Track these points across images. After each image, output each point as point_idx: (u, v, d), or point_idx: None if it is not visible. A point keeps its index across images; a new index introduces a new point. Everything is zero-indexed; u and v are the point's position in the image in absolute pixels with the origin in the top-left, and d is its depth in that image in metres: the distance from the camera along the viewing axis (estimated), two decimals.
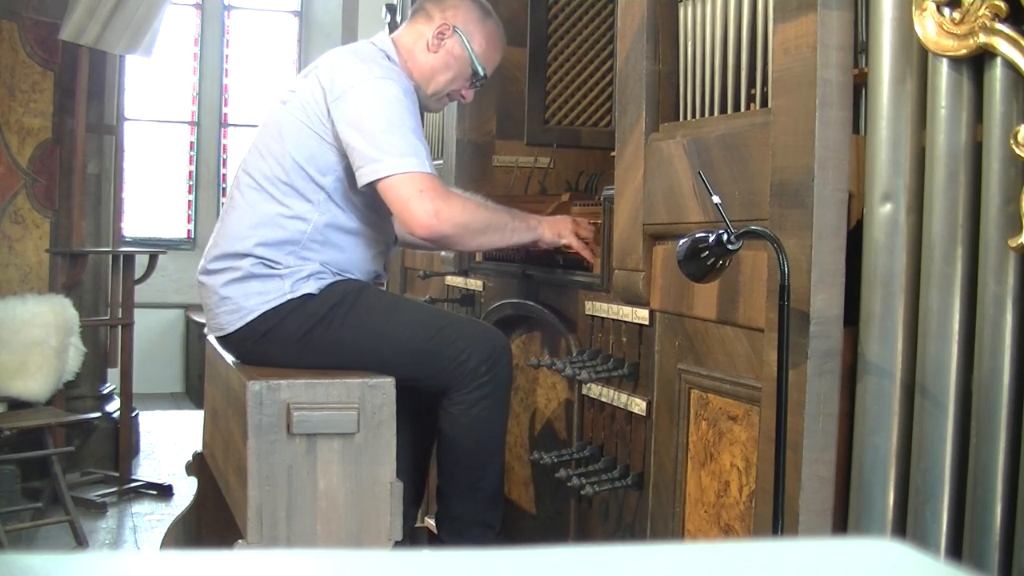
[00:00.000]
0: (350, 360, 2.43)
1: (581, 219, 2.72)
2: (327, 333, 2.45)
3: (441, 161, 3.66)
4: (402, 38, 2.67)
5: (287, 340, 2.45)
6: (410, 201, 2.41)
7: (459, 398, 2.47)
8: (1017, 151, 1.56)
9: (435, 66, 2.64)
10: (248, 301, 2.46)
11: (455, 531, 2.55)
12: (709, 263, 1.82)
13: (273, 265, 2.46)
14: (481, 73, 2.68)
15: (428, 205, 2.42)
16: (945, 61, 1.67)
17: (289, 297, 2.45)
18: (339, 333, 2.45)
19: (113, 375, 5.04)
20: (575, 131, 3.49)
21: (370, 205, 2.53)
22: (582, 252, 2.65)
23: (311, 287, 2.46)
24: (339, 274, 2.51)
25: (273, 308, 2.45)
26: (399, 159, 2.40)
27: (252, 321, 2.46)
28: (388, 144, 2.40)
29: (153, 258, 5.10)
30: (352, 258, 2.54)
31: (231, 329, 2.50)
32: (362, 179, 2.42)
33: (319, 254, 2.48)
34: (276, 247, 2.46)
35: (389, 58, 2.59)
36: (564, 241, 2.65)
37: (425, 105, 2.71)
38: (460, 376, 2.45)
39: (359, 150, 2.41)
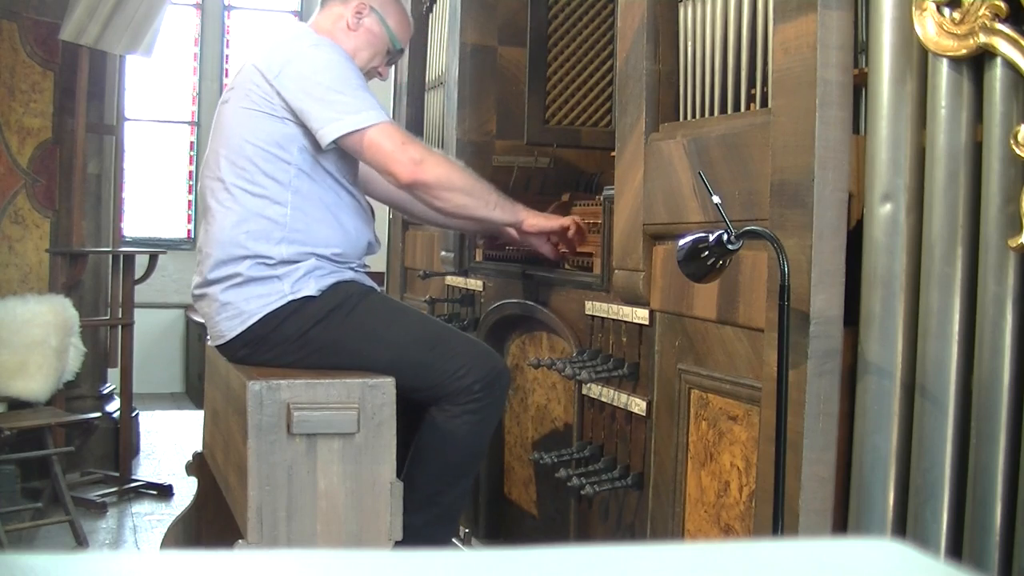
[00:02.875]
0: (348, 362, 2.43)
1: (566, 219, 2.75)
2: (326, 333, 2.44)
3: None
4: (320, 22, 2.71)
5: (286, 340, 2.45)
6: (394, 152, 2.47)
7: (447, 406, 2.44)
8: (1017, 151, 1.56)
9: (356, 45, 2.68)
10: (249, 305, 2.46)
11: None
12: (709, 263, 1.82)
13: (268, 261, 2.45)
14: (398, 47, 2.76)
15: (413, 153, 2.48)
16: (945, 61, 1.67)
17: (290, 298, 2.44)
18: (338, 334, 2.44)
19: (113, 375, 5.04)
20: (575, 131, 3.49)
21: (342, 172, 2.55)
22: (568, 233, 2.68)
23: (311, 288, 2.45)
24: (337, 263, 2.50)
25: (274, 311, 2.44)
26: (360, 114, 2.45)
27: (253, 325, 2.45)
28: (342, 102, 2.45)
29: (153, 258, 5.10)
30: (341, 231, 2.53)
31: (231, 335, 2.49)
32: (325, 138, 2.45)
33: (306, 235, 2.47)
34: (264, 237, 2.46)
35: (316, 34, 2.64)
36: (550, 226, 2.68)
37: None
38: (455, 390, 2.43)
39: (314, 112, 2.45)
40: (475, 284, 3.32)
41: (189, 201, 8.37)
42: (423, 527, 2.40)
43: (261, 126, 2.49)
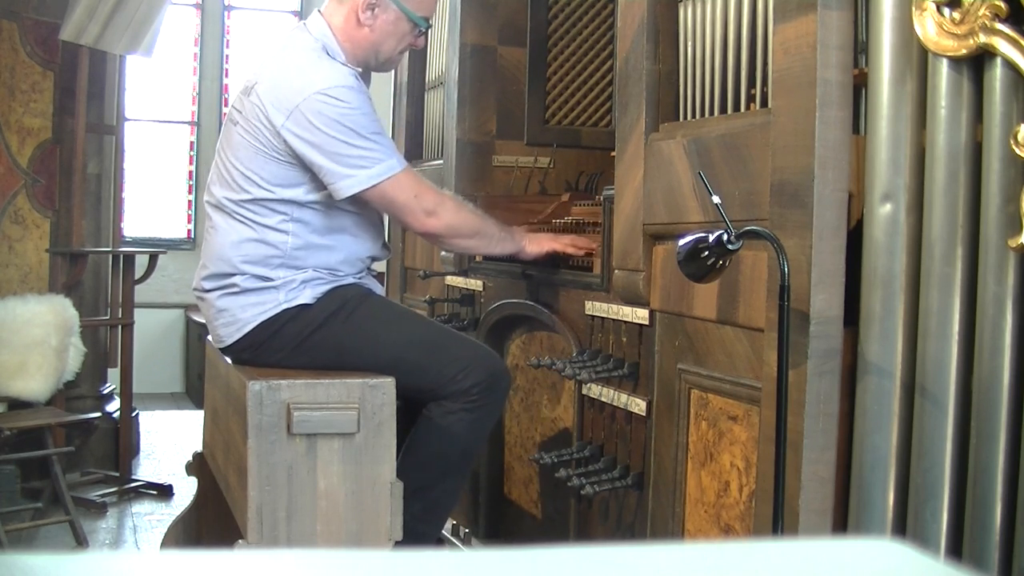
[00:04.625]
0: (349, 364, 2.43)
1: (564, 236, 2.79)
2: (326, 338, 2.44)
3: (441, 161, 3.66)
4: (334, 18, 2.56)
5: (285, 347, 2.45)
6: (406, 205, 2.49)
7: (444, 403, 2.45)
8: (1017, 151, 1.56)
9: (375, 39, 2.57)
10: (244, 313, 2.46)
11: None
12: (709, 263, 1.82)
13: (265, 279, 2.46)
14: (423, 26, 2.62)
15: (426, 205, 2.51)
16: (945, 61, 1.67)
17: (285, 306, 2.44)
18: (338, 338, 2.44)
19: (113, 375, 5.04)
20: (575, 131, 3.49)
21: (352, 197, 2.50)
22: (566, 250, 2.71)
23: (306, 297, 2.45)
24: (336, 275, 2.50)
25: (270, 318, 2.45)
26: (373, 168, 2.42)
27: (250, 332, 2.46)
28: (354, 156, 2.40)
29: (153, 258, 5.10)
30: (347, 252, 2.53)
31: (230, 341, 2.50)
32: (339, 194, 2.43)
33: (306, 260, 2.47)
34: (263, 263, 2.46)
35: (328, 51, 2.51)
36: (546, 250, 2.72)
37: (380, 68, 2.69)
38: (454, 392, 2.44)
39: (326, 168, 2.41)
40: (475, 284, 3.32)
41: (189, 201, 8.36)
42: (408, 520, 2.38)
43: (266, 166, 2.45)
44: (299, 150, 2.41)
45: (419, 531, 2.47)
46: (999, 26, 1.59)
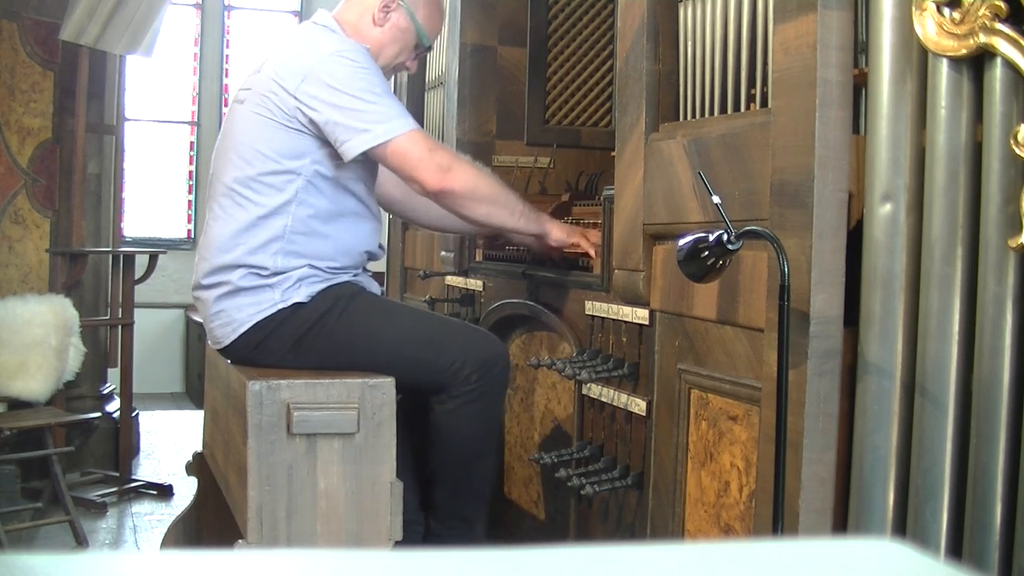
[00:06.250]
0: (344, 363, 2.43)
1: (591, 231, 2.74)
2: (320, 337, 2.44)
3: None
4: (345, 14, 2.62)
5: (281, 348, 2.45)
6: (420, 159, 2.42)
7: (447, 399, 2.45)
8: (1017, 151, 1.56)
9: (382, 40, 2.60)
10: (240, 313, 2.46)
11: (437, 519, 2.57)
12: (709, 263, 1.82)
13: (261, 272, 2.44)
14: (426, 44, 2.67)
15: (440, 161, 2.44)
16: (945, 61, 1.67)
17: (281, 306, 2.44)
18: (332, 336, 2.44)
19: (113, 375, 5.04)
20: (575, 131, 3.49)
21: (356, 179, 2.51)
22: (588, 250, 2.67)
23: (301, 295, 2.45)
24: (331, 272, 2.49)
25: (266, 318, 2.45)
26: (388, 123, 2.41)
27: (245, 332, 2.46)
28: (369, 112, 2.40)
29: (153, 258, 5.10)
30: (342, 244, 2.51)
31: (226, 342, 2.50)
32: (352, 151, 2.40)
33: (305, 247, 2.45)
34: (261, 250, 2.44)
35: (334, 33, 2.56)
36: (573, 239, 2.67)
37: None
38: (452, 383, 2.44)
39: (341, 124, 2.39)
40: (475, 284, 3.32)
41: (189, 201, 8.36)
42: (455, 506, 2.51)
43: (274, 136, 2.44)
44: (313, 110, 2.40)
45: (468, 516, 2.56)
46: (999, 26, 1.59)
